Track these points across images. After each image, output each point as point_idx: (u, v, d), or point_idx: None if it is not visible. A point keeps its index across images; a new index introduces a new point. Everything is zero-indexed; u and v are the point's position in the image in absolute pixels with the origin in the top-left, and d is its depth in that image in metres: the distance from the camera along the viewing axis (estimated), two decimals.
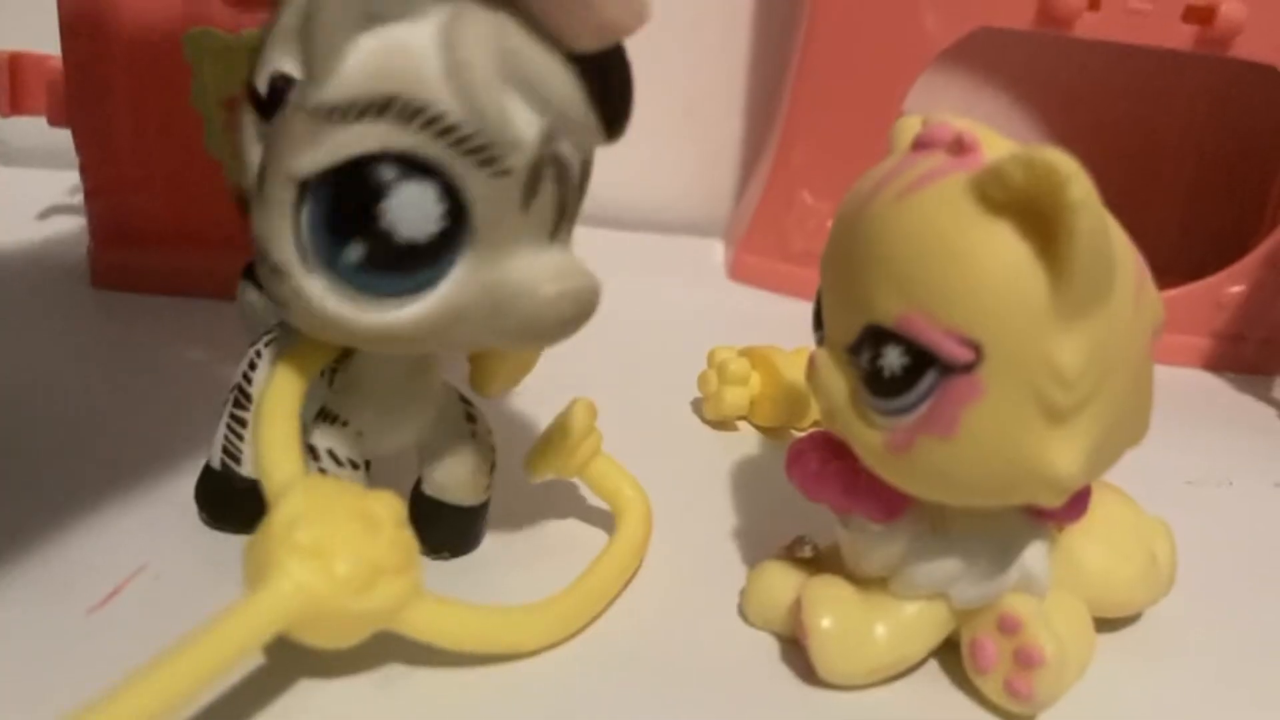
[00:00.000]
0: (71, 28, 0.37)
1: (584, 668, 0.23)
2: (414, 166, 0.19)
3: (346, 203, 0.19)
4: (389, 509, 0.20)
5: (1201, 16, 0.43)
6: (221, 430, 0.25)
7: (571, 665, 0.23)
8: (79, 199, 0.41)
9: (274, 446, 0.21)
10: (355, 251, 0.19)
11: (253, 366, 0.24)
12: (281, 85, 0.20)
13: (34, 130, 0.41)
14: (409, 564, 0.20)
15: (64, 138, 0.39)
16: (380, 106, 0.18)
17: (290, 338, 0.23)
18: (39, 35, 0.39)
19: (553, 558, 0.26)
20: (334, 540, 0.19)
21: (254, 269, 0.26)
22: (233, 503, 0.24)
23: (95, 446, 0.29)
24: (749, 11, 0.57)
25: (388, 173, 0.19)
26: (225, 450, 0.24)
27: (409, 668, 0.22)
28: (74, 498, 0.26)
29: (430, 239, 0.19)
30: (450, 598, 0.21)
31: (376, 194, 0.19)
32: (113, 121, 0.38)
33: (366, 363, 0.23)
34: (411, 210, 0.19)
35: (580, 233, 0.21)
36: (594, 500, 0.29)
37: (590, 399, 0.26)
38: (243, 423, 0.24)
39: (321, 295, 0.20)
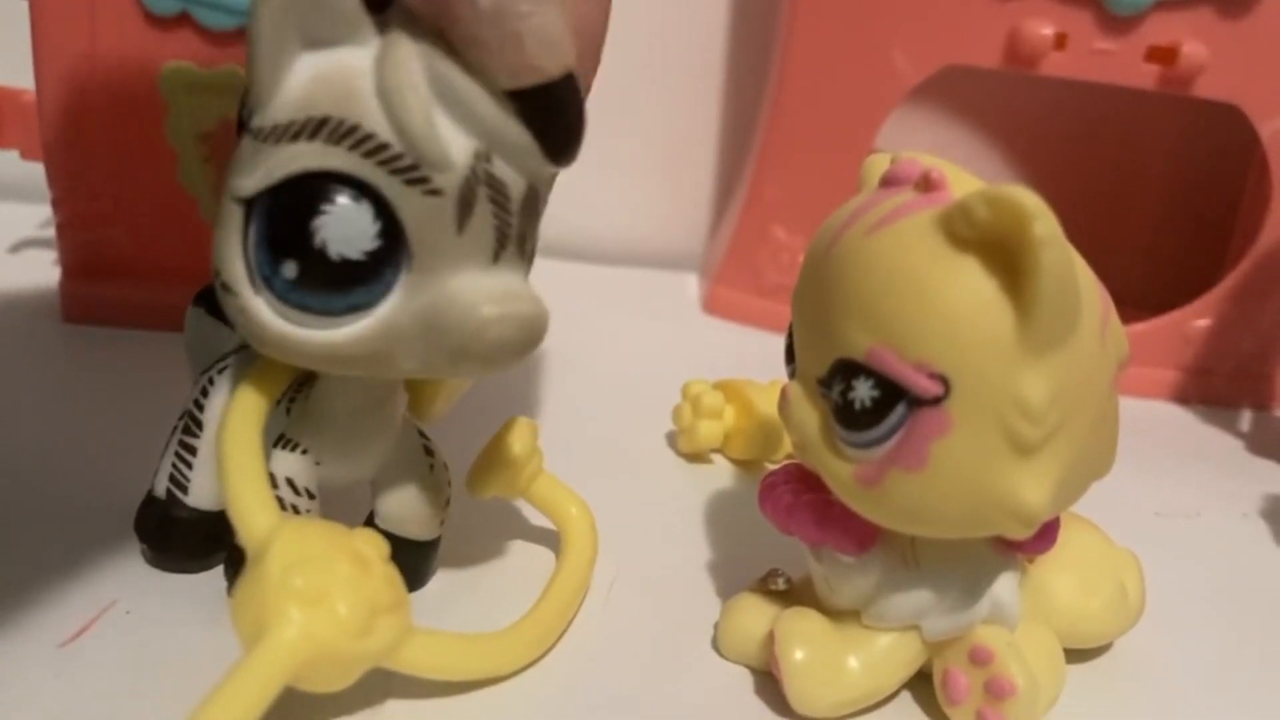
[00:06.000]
0: (47, 62, 0.37)
1: (558, 704, 0.23)
2: (348, 186, 0.19)
3: (281, 221, 0.19)
4: (375, 546, 0.20)
5: (1164, 57, 0.44)
6: (169, 457, 0.24)
7: (545, 702, 0.23)
8: (50, 232, 0.41)
9: (247, 491, 0.20)
10: (290, 269, 0.19)
11: (205, 393, 0.24)
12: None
13: (5, 163, 0.41)
14: (401, 600, 0.20)
15: (36, 170, 0.39)
16: (314, 127, 0.19)
17: (244, 366, 0.23)
18: (13, 70, 0.39)
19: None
20: (331, 583, 0.18)
21: (206, 295, 0.26)
22: (173, 534, 0.24)
23: (65, 481, 0.28)
24: (723, 50, 0.57)
25: (320, 191, 0.19)
26: (172, 478, 0.24)
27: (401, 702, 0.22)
28: (44, 532, 0.26)
29: (364, 258, 0.19)
30: (435, 630, 0.21)
31: (308, 212, 0.19)
32: (87, 155, 0.38)
33: (325, 392, 0.23)
34: (344, 229, 0.19)
35: (556, 266, 0.21)
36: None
37: (529, 418, 0.26)
38: (192, 450, 0.24)
39: (265, 314, 0.20)
